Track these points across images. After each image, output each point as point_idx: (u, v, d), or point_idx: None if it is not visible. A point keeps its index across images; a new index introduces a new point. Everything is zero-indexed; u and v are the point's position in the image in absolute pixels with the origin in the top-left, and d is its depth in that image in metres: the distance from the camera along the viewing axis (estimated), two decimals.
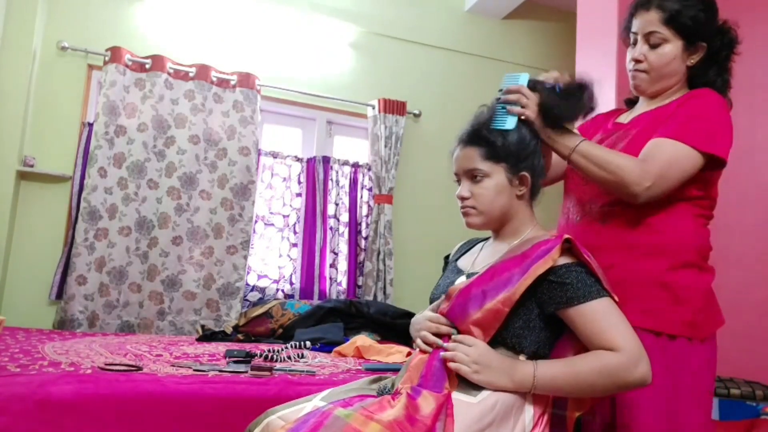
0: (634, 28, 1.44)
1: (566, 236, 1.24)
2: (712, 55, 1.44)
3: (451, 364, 1.19)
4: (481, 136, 1.35)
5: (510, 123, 1.35)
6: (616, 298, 1.22)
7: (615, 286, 1.26)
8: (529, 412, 1.20)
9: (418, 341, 1.28)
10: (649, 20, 1.40)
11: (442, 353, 1.21)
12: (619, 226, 1.41)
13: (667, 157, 1.30)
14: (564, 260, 1.23)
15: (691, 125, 1.33)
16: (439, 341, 1.24)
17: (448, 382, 1.18)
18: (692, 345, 1.36)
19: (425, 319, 1.30)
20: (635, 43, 1.45)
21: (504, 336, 1.23)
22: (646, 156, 1.32)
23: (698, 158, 1.32)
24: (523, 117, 1.33)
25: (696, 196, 1.40)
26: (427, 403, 1.14)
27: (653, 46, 1.41)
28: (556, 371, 1.19)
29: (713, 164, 1.36)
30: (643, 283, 1.37)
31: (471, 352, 1.19)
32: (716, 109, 1.37)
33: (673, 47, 1.40)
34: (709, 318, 1.40)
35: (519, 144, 1.34)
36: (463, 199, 1.36)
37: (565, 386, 1.18)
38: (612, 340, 1.17)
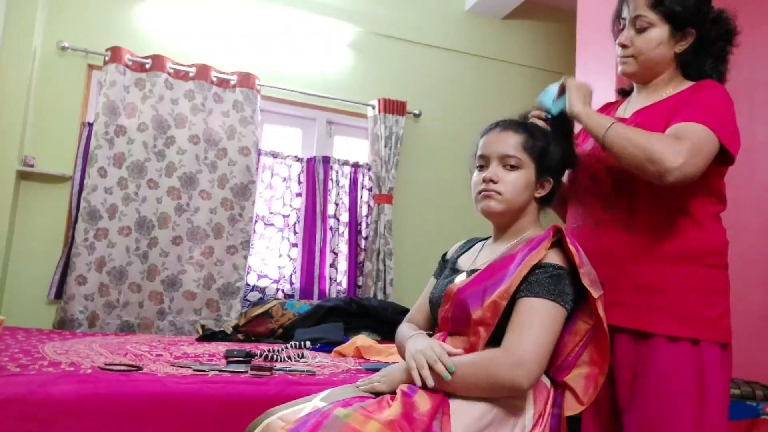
0: (623, 14, 1.44)
1: (557, 226, 1.25)
2: (706, 45, 1.41)
3: (366, 387, 1.27)
4: (525, 125, 1.37)
5: (560, 104, 1.38)
6: (596, 295, 1.19)
7: (641, 291, 1.30)
8: (530, 412, 1.20)
9: (413, 371, 1.21)
10: (636, 4, 1.39)
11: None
12: (631, 230, 1.38)
13: (698, 138, 1.25)
14: (551, 259, 1.24)
15: (713, 114, 1.29)
16: (426, 380, 1.17)
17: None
18: (724, 351, 1.34)
19: (431, 349, 1.21)
20: (624, 28, 1.44)
21: (503, 332, 1.23)
22: (676, 134, 1.27)
23: (717, 146, 1.28)
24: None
25: (708, 191, 1.37)
26: (424, 401, 1.15)
27: (639, 31, 1.40)
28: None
29: (723, 160, 1.33)
30: (673, 289, 1.34)
31: (375, 376, 1.29)
32: (730, 105, 1.35)
33: (659, 32, 1.38)
34: (728, 321, 1.37)
35: (558, 152, 1.36)
36: (490, 181, 1.32)
37: (450, 380, 1.17)
38: (510, 337, 1.18)
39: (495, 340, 1.23)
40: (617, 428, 1.40)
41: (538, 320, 1.18)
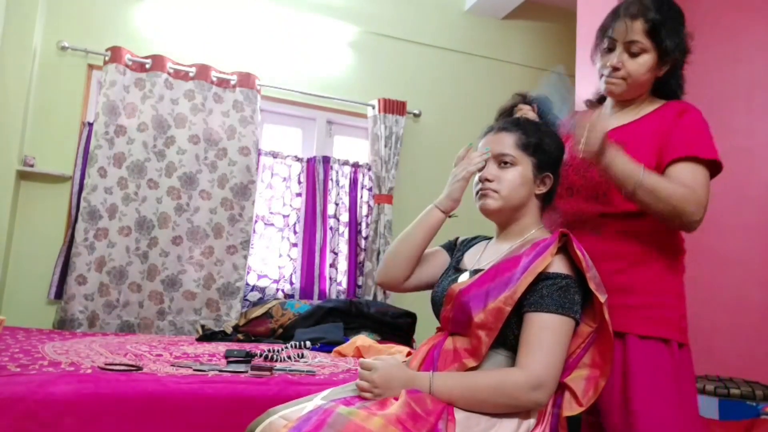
0: (613, 34, 1.45)
1: (563, 230, 1.25)
2: (673, 65, 1.47)
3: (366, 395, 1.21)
4: (519, 123, 1.38)
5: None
6: (602, 299, 1.21)
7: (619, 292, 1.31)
8: (534, 412, 1.21)
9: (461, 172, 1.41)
10: (632, 29, 1.41)
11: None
12: (613, 235, 1.42)
13: (703, 184, 1.35)
14: (557, 267, 1.24)
15: (705, 145, 1.37)
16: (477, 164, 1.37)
17: None
18: (687, 351, 1.41)
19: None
20: (612, 48, 1.45)
21: (506, 335, 1.24)
22: (691, 184, 1.33)
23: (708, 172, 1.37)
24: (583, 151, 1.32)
25: None
26: (430, 400, 1.16)
27: (633, 55, 1.42)
28: (453, 385, 1.19)
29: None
30: (640, 290, 1.39)
31: (369, 376, 1.21)
32: (708, 125, 1.42)
33: (650, 58, 1.42)
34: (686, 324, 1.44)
35: (553, 146, 1.37)
36: (486, 180, 1.35)
37: (459, 400, 1.18)
38: (526, 356, 1.18)
39: (496, 342, 1.24)
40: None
41: (552, 338, 1.19)
